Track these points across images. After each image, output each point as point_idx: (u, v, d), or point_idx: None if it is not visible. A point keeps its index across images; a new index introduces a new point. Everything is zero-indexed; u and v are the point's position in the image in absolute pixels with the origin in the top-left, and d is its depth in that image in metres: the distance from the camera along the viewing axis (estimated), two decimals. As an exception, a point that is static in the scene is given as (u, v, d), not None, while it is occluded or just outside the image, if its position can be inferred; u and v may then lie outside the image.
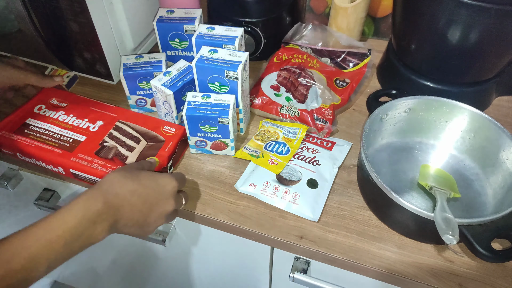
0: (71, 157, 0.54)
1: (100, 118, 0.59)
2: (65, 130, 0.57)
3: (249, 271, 0.67)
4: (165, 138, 0.56)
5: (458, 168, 0.54)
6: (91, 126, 0.58)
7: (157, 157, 0.54)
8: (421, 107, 0.54)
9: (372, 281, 0.48)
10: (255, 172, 0.54)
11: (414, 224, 0.46)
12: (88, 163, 0.53)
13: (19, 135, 0.56)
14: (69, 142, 0.55)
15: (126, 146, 0.56)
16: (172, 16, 0.62)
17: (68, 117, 0.59)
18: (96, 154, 0.54)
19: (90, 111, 0.60)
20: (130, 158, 0.54)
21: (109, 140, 0.56)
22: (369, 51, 0.66)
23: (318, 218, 0.49)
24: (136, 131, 0.58)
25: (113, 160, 0.54)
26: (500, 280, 0.44)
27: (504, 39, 0.52)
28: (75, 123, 0.58)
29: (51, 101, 0.61)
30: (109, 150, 0.55)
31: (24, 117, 0.59)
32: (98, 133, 0.57)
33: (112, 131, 0.57)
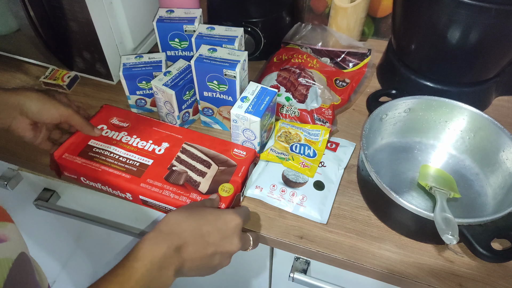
0: (140, 183, 0.51)
1: (165, 139, 0.56)
2: (130, 153, 0.54)
3: (249, 271, 0.67)
4: (236, 162, 0.53)
5: (458, 168, 0.54)
6: (157, 148, 0.55)
7: (231, 183, 0.51)
8: (421, 107, 0.54)
9: (372, 281, 0.48)
10: (262, 174, 0.53)
11: (414, 224, 0.46)
12: (158, 189, 0.50)
13: (84, 158, 0.53)
14: (136, 166, 0.52)
15: (197, 171, 0.52)
16: (172, 16, 0.62)
17: (132, 138, 0.56)
18: (166, 179, 0.51)
19: (153, 131, 0.57)
20: (203, 184, 0.51)
21: (178, 164, 0.53)
22: (369, 51, 0.66)
23: (326, 220, 0.49)
24: (205, 154, 0.54)
25: (185, 186, 0.51)
26: (500, 280, 0.44)
27: (504, 39, 0.52)
28: (139, 145, 0.55)
29: (111, 120, 0.58)
30: (179, 175, 0.52)
31: (87, 139, 0.56)
32: (165, 156, 0.54)
33: (180, 154, 0.54)
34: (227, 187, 0.50)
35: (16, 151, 0.58)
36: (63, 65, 0.65)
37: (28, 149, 0.58)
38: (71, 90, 0.67)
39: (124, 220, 0.66)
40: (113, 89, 0.67)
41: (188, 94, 0.57)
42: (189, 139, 0.56)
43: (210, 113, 0.60)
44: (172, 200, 0.49)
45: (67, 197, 0.71)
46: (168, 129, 0.58)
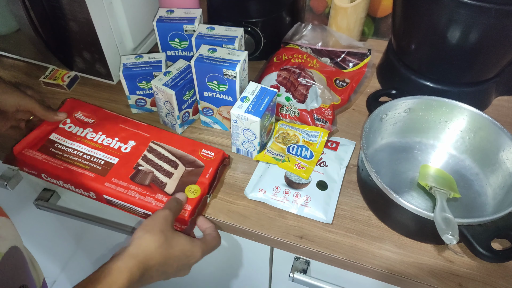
0: (105, 182, 0.50)
1: (131, 137, 0.55)
2: (95, 151, 0.53)
3: (249, 271, 0.67)
4: (204, 163, 0.52)
5: (458, 168, 0.54)
6: (123, 146, 0.54)
7: (198, 185, 0.50)
8: (420, 107, 0.54)
9: (372, 281, 0.48)
10: (264, 177, 0.53)
11: (414, 224, 0.46)
12: (123, 189, 0.49)
13: (45, 154, 0.52)
14: (101, 165, 0.51)
15: (163, 171, 0.51)
16: (172, 16, 0.62)
17: (97, 135, 0.55)
18: (131, 179, 0.50)
19: (120, 129, 0.56)
20: (169, 185, 0.50)
21: (144, 164, 0.52)
22: (369, 51, 0.66)
23: (331, 220, 0.49)
24: (172, 154, 0.54)
25: (151, 186, 0.50)
26: (500, 280, 0.44)
27: (504, 39, 0.52)
28: (105, 143, 0.54)
29: (76, 115, 0.57)
30: (145, 175, 0.51)
31: (48, 133, 0.54)
32: (131, 155, 0.53)
33: (147, 153, 0.53)
34: (194, 189, 0.50)
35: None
36: (63, 65, 0.65)
37: (28, 149, 0.58)
38: (71, 90, 0.67)
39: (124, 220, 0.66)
40: (113, 89, 0.67)
41: (188, 94, 0.57)
42: (156, 138, 0.55)
43: (210, 113, 0.60)
44: (137, 201, 0.49)
45: (67, 197, 0.71)
46: (135, 127, 0.57)
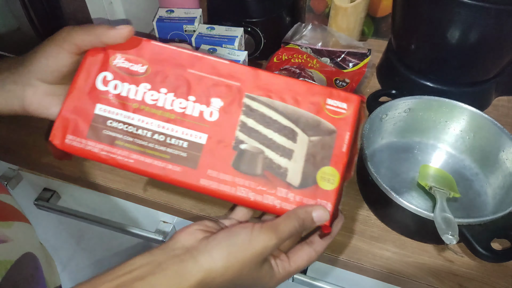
0: (199, 178, 0.33)
1: (214, 91, 0.34)
2: (168, 125, 0.34)
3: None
4: (335, 126, 0.34)
5: (457, 168, 0.54)
6: (206, 110, 0.34)
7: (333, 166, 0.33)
8: (421, 107, 0.54)
9: (372, 281, 0.48)
10: None
11: (414, 224, 0.46)
12: (229, 186, 0.33)
13: (99, 142, 0.34)
14: (185, 149, 0.33)
15: (278, 148, 0.34)
16: (172, 16, 0.62)
17: (161, 94, 0.34)
18: (235, 167, 0.33)
19: (192, 78, 0.35)
20: (292, 171, 0.33)
21: (246, 138, 0.34)
22: (369, 51, 0.67)
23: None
24: (283, 115, 0.34)
25: (265, 176, 0.33)
26: (500, 280, 0.44)
27: (504, 39, 0.52)
28: (177, 108, 0.34)
29: (114, 61, 0.35)
30: (254, 159, 0.33)
31: (90, 104, 0.34)
32: (223, 124, 0.34)
33: (245, 119, 0.34)
34: (329, 174, 0.33)
35: (16, 150, 0.58)
36: (63, 65, 0.65)
37: (28, 148, 0.58)
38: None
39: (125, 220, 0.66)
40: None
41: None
42: (252, 87, 0.35)
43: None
44: (252, 202, 0.33)
45: (68, 197, 0.71)
46: (214, 70, 0.35)
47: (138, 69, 0.35)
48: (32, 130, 0.60)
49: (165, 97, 0.34)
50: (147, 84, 0.34)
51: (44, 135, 0.36)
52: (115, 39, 0.34)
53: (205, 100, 0.34)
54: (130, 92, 0.34)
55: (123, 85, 0.34)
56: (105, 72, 0.35)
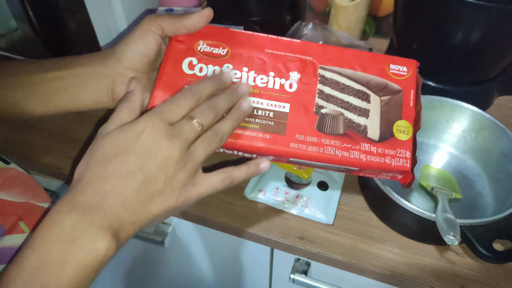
0: (290, 143, 0.36)
1: (291, 66, 0.39)
2: (253, 98, 0.37)
3: (249, 273, 0.66)
4: (400, 86, 0.39)
5: (459, 169, 0.54)
6: (285, 83, 0.38)
7: (406, 119, 0.38)
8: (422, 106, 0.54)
9: (373, 283, 0.48)
10: (264, 177, 0.53)
11: (416, 225, 0.46)
12: (317, 147, 0.36)
13: None
14: (271, 118, 0.37)
15: (355, 109, 0.38)
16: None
17: (243, 73, 0.38)
18: (319, 129, 0.37)
19: (270, 56, 0.39)
20: (371, 127, 0.37)
21: (326, 104, 0.38)
22: (370, 50, 0.66)
23: (332, 221, 0.49)
24: (354, 81, 0.38)
25: (348, 135, 0.37)
26: (502, 281, 0.44)
27: (506, 38, 0.51)
28: (259, 83, 0.38)
29: (199, 47, 0.38)
30: (335, 120, 0.37)
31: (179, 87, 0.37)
32: (302, 93, 0.38)
33: (321, 87, 0.38)
34: (403, 126, 0.37)
35: (16, 150, 0.58)
36: (62, 65, 0.65)
37: (28, 149, 0.57)
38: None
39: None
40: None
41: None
42: (324, 60, 0.39)
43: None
44: (340, 159, 0.36)
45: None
46: (289, 48, 0.39)
47: (220, 52, 0.38)
48: (32, 130, 0.60)
49: (247, 75, 0.38)
50: (229, 64, 0.38)
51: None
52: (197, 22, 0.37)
53: (284, 74, 0.38)
54: (215, 73, 0.37)
55: (207, 67, 0.38)
56: (191, 57, 0.38)
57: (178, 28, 0.37)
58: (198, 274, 0.75)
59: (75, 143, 0.58)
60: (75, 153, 0.56)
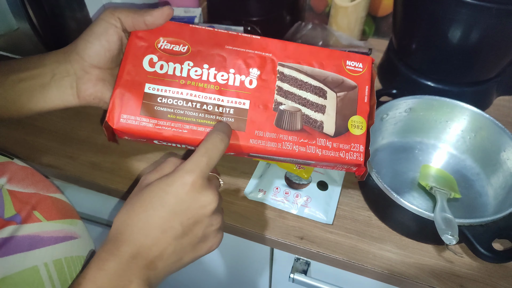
0: (249, 139, 0.37)
1: (250, 63, 0.39)
2: (214, 95, 0.37)
3: (249, 272, 0.67)
4: (356, 82, 0.39)
5: (458, 168, 0.54)
6: (245, 80, 0.38)
7: (360, 115, 0.39)
8: (421, 106, 0.54)
9: (372, 282, 0.48)
10: (264, 177, 0.53)
11: (415, 224, 0.46)
12: (275, 143, 0.37)
13: (153, 117, 0.37)
14: (232, 115, 0.37)
15: (312, 106, 0.39)
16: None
17: (203, 70, 0.38)
18: (278, 125, 0.38)
19: (230, 53, 0.39)
20: (327, 123, 0.38)
21: (284, 100, 0.38)
22: (369, 50, 0.66)
23: (332, 221, 0.49)
24: (312, 77, 0.39)
25: (305, 130, 0.38)
26: (501, 281, 0.44)
27: (505, 38, 0.51)
28: (220, 80, 0.38)
29: (159, 44, 0.38)
30: (293, 116, 0.38)
31: (139, 85, 0.37)
32: (261, 90, 0.38)
33: (280, 84, 0.39)
34: (358, 121, 0.38)
35: (16, 150, 0.58)
36: (62, 65, 0.65)
37: (28, 148, 0.57)
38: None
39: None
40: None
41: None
42: (283, 57, 0.40)
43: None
44: (297, 154, 0.38)
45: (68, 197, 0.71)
46: (249, 45, 0.39)
47: (181, 49, 0.39)
48: (32, 129, 0.60)
49: (208, 72, 0.38)
50: (190, 61, 0.38)
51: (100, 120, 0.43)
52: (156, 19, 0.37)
53: (244, 71, 0.39)
54: (175, 70, 0.38)
55: (168, 65, 0.38)
56: (151, 55, 0.38)
57: (137, 24, 0.37)
58: (197, 273, 0.76)
59: (75, 143, 0.58)
60: (75, 153, 0.56)
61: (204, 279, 0.77)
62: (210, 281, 0.76)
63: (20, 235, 0.32)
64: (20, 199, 0.35)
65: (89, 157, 0.56)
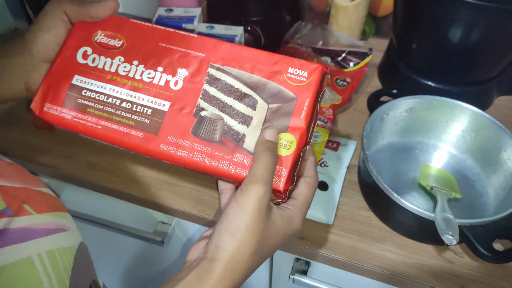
0: (159, 144, 0.35)
1: (180, 63, 0.36)
2: (135, 93, 0.36)
3: (249, 272, 0.66)
4: (294, 93, 0.34)
5: (459, 168, 0.54)
6: (171, 80, 0.36)
7: (291, 132, 0.33)
8: (422, 106, 0.54)
9: (373, 282, 0.48)
10: None
11: (415, 224, 0.46)
12: (186, 152, 0.34)
13: (74, 110, 0.37)
14: (148, 116, 0.35)
15: (237, 116, 0.34)
16: (171, 15, 0.61)
17: (132, 66, 0.37)
18: (194, 133, 0.34)
19: (162, 51, 0.37)
20: (249, 137, 0.34)
21: (207, 106, 0.35)
22: (369, 50, 0.66)
23: (332, 221, 0.49)
24: (244, 83, 0.35)
25: (223, 142, 0.34)
26: (501, 281, 0.44)
27: (505, 38, 0.51)
28: (145, 78, 0.36)
29: (96, 38, 0.38)
30: (213, 125, 0.34)
31: (69, 75, 0.37)
32: (186, 92, 0.36)
33: (207, 87, 0.35)
34: (286, 140, 0.33)
35: (13, 150, 0.58)
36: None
37: (26, 148, 0.57)
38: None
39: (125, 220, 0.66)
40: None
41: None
42: (216, 58, 0.36)
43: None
44: (208, 167, 0.34)
45: (66, 197, 0.70)
46: (183, 43, 0.37)
47: (115, 43, 0.38)
48: (29, 129, 0.60)
49: (136, 68, 0.37)
50: (121, 57, 0.38)
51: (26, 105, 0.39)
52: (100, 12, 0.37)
53: (171, 70, 0.36)
54: (105, 65, 0.37)
55: (100, 58, 0.38)
56: (86, 47, 0.38)
57: (82, 16, 0.38)
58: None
59: (72, 143, 0.58)
60: (73, 153, 0.56)
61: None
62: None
63: (12, 228, 0.32)
64: (9, 193, 0.35)
65: (86, 157, 0.56)
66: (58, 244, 0.34)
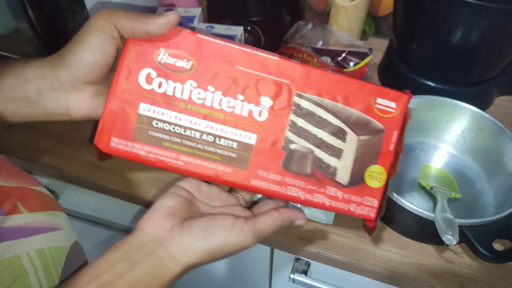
0: (250, 179, 0.34)
1: (263, 90, 0.33)
2: (216, 125, 0.33)
3: (249, 273, 0.66)
4: (383, 125, 0.34)
5: (459, 168, 0.54)
6: (255, 110, 0.33)
7: (381, 165, 0.34)
8: (422, 106, 0.54)
9: (372, 282, 0.48)
10: None
11: (415, 224, 0.46)
12: (279, 186, 0.34)
13: (146, 144, 0.33)
14: (234, 150, 0.33)
15: (328, 148, 0.34)
16: (172, 15, 0.62)
17: (208, 92, 0.33)
18: (285, 167, 0.34)
19: (239, 75, 0.33)
20: (341, 170, 0.34)
21: (296, 138, 0.34)
22: (369, 50, 0.66)
23: (332, 221, 0.49)
24: (333, 114, 0.33)
25: (314, 175, 0.34)
26: (501, 281, 0.44)
27: (505, 38, 0.51)
28: (225, 107, 0.33)
29: (159, 57, 0.33)
30: (304, 159, 0.34)
31: (133, 103, 0.33)
32: (272, 124, 0.33)
33: (294, 118, 0.33)
34: (377, 172, 0.34)
35: (16, 151, 0.58)
36: (62, 65, 0.64)
37: (28, 149, 0.57)
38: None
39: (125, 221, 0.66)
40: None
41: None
42: (302, 86, 0.33)
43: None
44: (303, 202, 0.34)
45: (67, 197, 0.71)
46: (263, 66, 0.33)
47: (184, 65, 0.33)
48: (32, 131, 0.60)
49: (213, 96, 0.33)
50: (193, 81, 0.33)
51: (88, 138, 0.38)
52: (160, 28, 0.31)
53: (254, 99, 0.33)
54: (176, 91, 0.33)
55: (168, 83, 0.33)
56: (149, 69, 0.33)
57: (138, 32, 0.32)
58: (197, 274, 0.76)
59: (75, 144, 0.58)
60: (75, 154, 0.56)
61: (203, 280, 0.77)
62: (210, 282, 0.76)
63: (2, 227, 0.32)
64: (3, 192, 0.35)
65: (88, 158, 0.56)
66: (49, 243, 0.33)
